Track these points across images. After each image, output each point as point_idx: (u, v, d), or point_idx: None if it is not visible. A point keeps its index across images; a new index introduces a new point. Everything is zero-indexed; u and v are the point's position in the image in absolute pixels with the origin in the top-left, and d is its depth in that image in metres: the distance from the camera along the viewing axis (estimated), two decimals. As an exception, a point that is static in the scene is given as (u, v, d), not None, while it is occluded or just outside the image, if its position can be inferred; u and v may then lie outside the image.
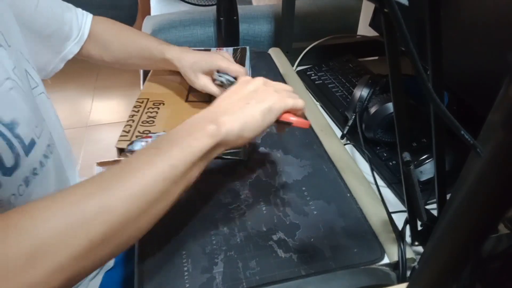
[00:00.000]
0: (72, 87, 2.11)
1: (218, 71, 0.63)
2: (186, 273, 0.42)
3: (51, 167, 0.50)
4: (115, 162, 1.85)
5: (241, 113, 0.41)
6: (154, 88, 0.73)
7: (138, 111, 0.66)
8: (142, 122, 0.63)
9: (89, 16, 0.68)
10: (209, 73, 0.64)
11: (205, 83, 0.63)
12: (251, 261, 0.44)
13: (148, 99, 0.69)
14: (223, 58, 0.63)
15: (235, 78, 0.62)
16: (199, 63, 0.63)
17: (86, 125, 1.91)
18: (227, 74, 0.62)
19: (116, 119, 1.98)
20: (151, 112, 0.66)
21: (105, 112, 2.03)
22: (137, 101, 0.69)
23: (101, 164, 1.68)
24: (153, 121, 0.63)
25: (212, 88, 0.63)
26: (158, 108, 0.67)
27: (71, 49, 0.65)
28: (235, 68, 0.62)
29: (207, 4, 1.39)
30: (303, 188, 0.53)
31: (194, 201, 0.51)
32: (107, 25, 0.70)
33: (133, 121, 0.64)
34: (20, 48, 0.54)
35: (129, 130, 0.61)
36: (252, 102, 0.42)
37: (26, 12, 0.57)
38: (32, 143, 0.45)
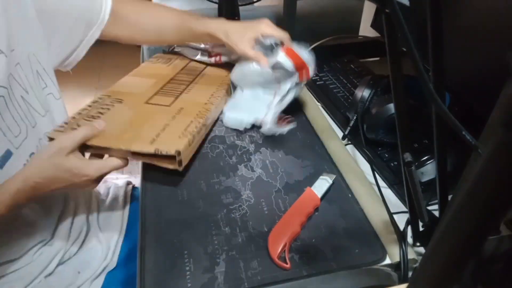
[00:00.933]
0: (74, 87, 2.11)
1: (262, 35, 0.64)
2: (188, 273, 0.42)
3: None
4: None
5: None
6: (123, 87, 0.67)
7: (91, 106, 0.60)
8: (88, 117, 0.56)
9: (109, 0, 0.66)
10: (252, 40, 0.64)
11: (244, 48, 0.63)
12: (253, 261, 0.44)
13: (110, 96, 0.64)
14: (267, 25, 0.64)
15: (281, 43, 0.63)
16: (245, 30, 0.64)
17: (88, 125, 1.91)
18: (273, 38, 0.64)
19: (117, 120, 1.98)
20: (102, 108, 0.59)
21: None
22: (98, 97, 0.63)
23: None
24: (99, 117, 0.57)
25: (250, 53, 0.62)
26: (113, 106, 0.60)
27: (93, 34, 0.64)
28: (279, 34, 0.63)
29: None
30: (305, 189, 0.53)
31: (195, 201, 0.51)
32: (133, 5, 0.69)
33: (80, 114, 0.57)
34: (33, 50, 0.54)
35: (68, 123, 0.54)
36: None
37: (49, 4, 0.57)
38: (8, 154, 0.46)
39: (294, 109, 0.69)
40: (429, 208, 0.47)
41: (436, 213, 0.43)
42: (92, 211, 0.67)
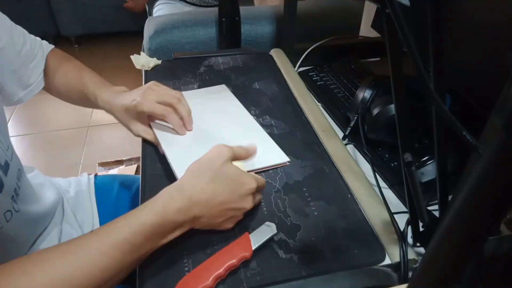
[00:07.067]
0: (74, 87, 2.12)
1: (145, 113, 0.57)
2: (186, 273, 0.42)
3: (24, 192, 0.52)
4: (116, 162, 1.85)
5: (214, 224, 0.45)
6: None
7: None
8: None
9: (49, 48, 0.68)
10: (142, 118, 0.59)
11: (138, 131, 0.58)
12: (252, 262, 0.44)
13: None
14: (148, 101, 0.56)
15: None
16: (129, 110, 0.58)
17: (87, 125, 1.91)
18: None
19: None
20: None
21: (107, 113, 2.03)
22: None
23: (102, 164, 1.69)
24: None
25: (148, 136, 0.58)
26: None
27: (39, 84, 0.65)
28: (160, 110, 0.56)
29: (209, 5, 1.39)
30: (304, 189, 0.53)
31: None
32: (59, 61, 0.68)
33: None
34: None
35: None
36: (228, 220, 0.45)
37: None
38: (7, 164, 0.48)
39: (294, 110, 0.69)
40: (429, 208, 0.47)
41: (436, 213, 0.43)
42: (62, 203, 0.67)
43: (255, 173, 0.53)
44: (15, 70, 0.61)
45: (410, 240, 0.46)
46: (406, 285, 0.39)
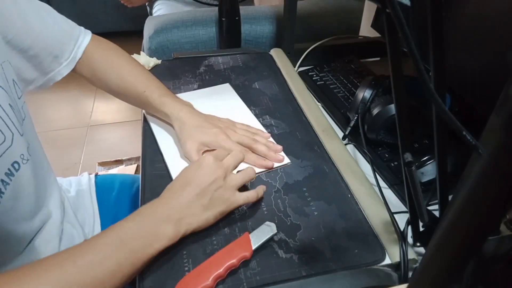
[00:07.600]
0: (74, 87, 2.12)
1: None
2: (186, 273, 0.42)
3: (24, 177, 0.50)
4: (116, 162, 1.84)
5: (198, 217, 0.46)
6: None
7: None
8: None
9: (87, 36, 0.63)
10: (202, 145, 0.58)
11: (190, 150, 0.57)
12: (252, 261, 0.44)
13: None
14: (226, 139, 0.58)
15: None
16: (201, 136, 0.58)
17: (87, 125, 1.91)
18: None
19: (117, 119, 1.99)
20: None
21: (107, 113, 2.03)
22: None
23: (102, 164, 1.69)
24: None
25: (194, 157, 0.56)
26: None
27: (60, 71, 0.61)
28: (238, 150, 0.56)
29: (209, 3, 1.39)
30: (304, 189, 0.53)
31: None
32: (104, 53, 0.65)
33: None
34: (8, 59, 0.52)
35: None
36: (210, 206, 0.47)
37: (11, 27, 0.53)
38: None
39: (294, 109, 0.69)
40: (429, 208, 0.47)
41: (436, 213, 0.43)
42: (62, 202, 0.67)
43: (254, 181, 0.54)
44: (36, 55, 0.57)
45: (410, 240, 0.46)
46: (406, 285, 0.39)
